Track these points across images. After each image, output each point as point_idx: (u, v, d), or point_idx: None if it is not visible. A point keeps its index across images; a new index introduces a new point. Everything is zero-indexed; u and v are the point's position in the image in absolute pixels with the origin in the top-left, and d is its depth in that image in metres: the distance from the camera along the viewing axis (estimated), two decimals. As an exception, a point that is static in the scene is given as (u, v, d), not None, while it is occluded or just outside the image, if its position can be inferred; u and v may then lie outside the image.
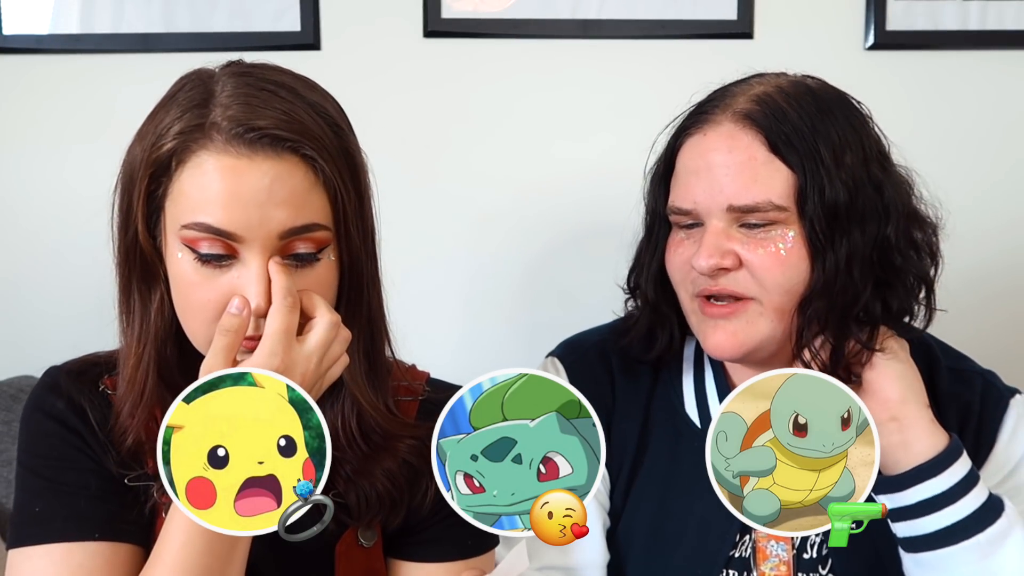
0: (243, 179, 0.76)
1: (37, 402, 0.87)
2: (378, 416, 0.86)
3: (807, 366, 0.95)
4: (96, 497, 0.83)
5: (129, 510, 0.84)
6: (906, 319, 1.00)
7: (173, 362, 0.84)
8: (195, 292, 0.79)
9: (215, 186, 0.76)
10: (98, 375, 0.88)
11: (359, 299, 0.85)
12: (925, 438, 0.92)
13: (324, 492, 0.76)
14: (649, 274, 1.04)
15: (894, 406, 0.93)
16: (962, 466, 0.92)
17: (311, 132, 0.78)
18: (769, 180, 0.93)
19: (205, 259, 0.78)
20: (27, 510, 0.84)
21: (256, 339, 0.78)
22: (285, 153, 0.77)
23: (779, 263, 0.93)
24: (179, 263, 0.79)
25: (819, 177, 0.92)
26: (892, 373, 0.94)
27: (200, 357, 0.84)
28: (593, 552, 1.05)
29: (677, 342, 1.06)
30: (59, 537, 0.81)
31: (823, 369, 0.94)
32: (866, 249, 0.94)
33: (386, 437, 0.86)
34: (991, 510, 0.92)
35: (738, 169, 0.93)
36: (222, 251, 0.77)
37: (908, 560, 0.95)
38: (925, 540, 0.92)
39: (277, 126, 0.77)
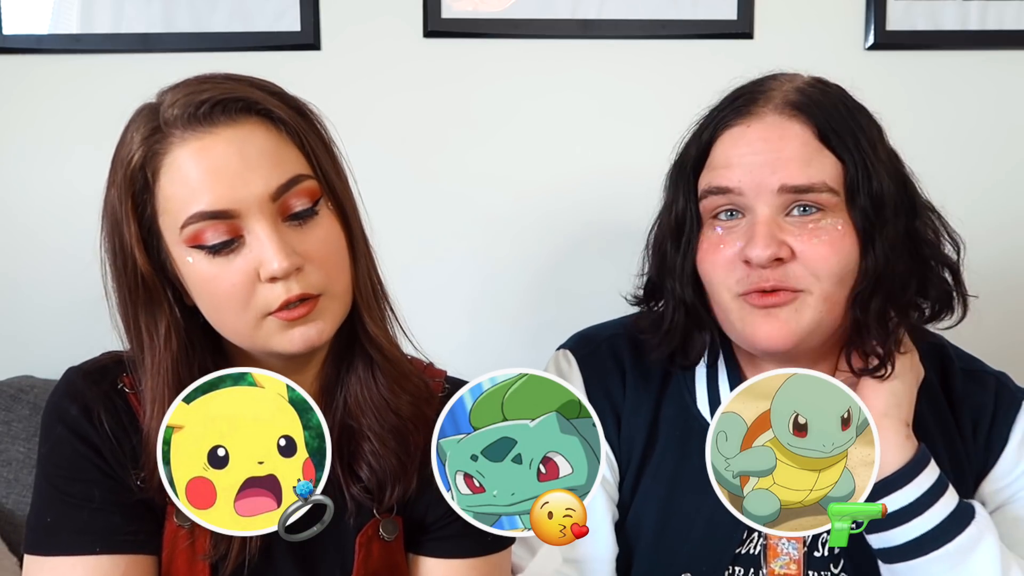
0: (212, 154, 0.77)
1: (54, 407, 0.86)
2: (394, 350, 0.87)
3: (874, 357, 0.95)
4: (99, 509, 0.83)
5: (135, 520, 0.84)
6: (945, 311, 1.00)
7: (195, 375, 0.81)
8: (218, 285, 0.79)
9: (192, 173, 0.77)
10: (118, 374, 0.87)
11: (358, 250, 0.86)
12: (892, 451, 0.92)
13: (344, 478, 0.75)
14: (684, 276, 1.00)
15: (873, 416, 0.92)
16: (928, 476, 0.92)
17: (257, 93, 0.80)
18: (821, 165, 0.93)
19: (215, 250, 0.78)
20: (41, 518, 0.84)
21: (294, 300, 0.78)
22: (239, 116, 0.79)
23: (835, 252, 0.92)
24: (192, 267, 0.79)
25: (866, 167, 0.93)
26: (885, 387, 0.95)
27: (225, 357, 0.85)
28: (602, 545, 1.05)
29: (718, 343, 1.04)
30: (64, 551, 0.82)
31: (881, 360, 0.94)
32: (903, 240, 0.94)
33: (412, 402, 0.87)
34: (960, 518, 0.92)
35: (791, 152, 0.93)
36: (227, 235, 0.78)
37: (885, 571, 0.96)
38: (898, 551, 0.92)
39: (222, 94, 0.78)
